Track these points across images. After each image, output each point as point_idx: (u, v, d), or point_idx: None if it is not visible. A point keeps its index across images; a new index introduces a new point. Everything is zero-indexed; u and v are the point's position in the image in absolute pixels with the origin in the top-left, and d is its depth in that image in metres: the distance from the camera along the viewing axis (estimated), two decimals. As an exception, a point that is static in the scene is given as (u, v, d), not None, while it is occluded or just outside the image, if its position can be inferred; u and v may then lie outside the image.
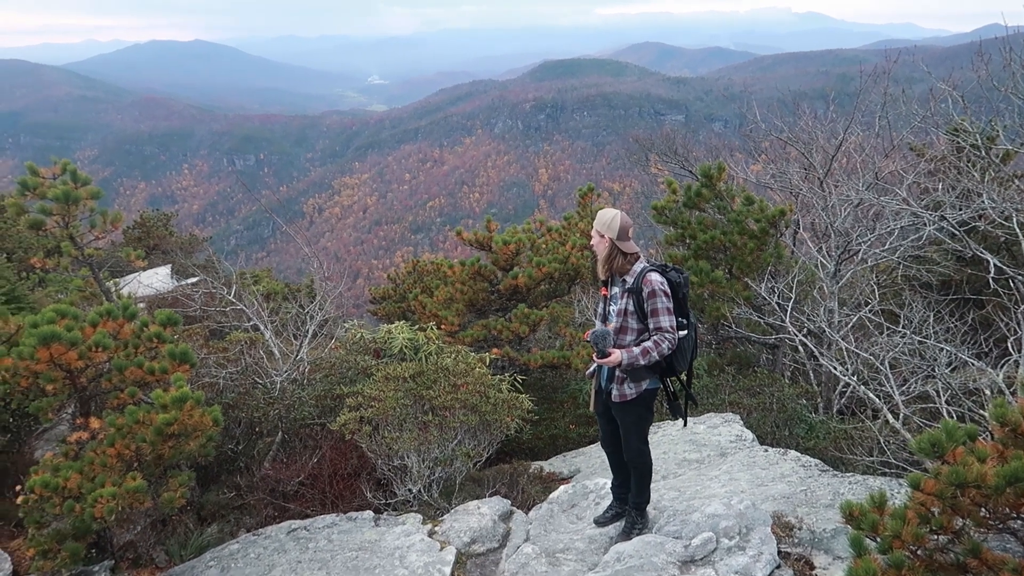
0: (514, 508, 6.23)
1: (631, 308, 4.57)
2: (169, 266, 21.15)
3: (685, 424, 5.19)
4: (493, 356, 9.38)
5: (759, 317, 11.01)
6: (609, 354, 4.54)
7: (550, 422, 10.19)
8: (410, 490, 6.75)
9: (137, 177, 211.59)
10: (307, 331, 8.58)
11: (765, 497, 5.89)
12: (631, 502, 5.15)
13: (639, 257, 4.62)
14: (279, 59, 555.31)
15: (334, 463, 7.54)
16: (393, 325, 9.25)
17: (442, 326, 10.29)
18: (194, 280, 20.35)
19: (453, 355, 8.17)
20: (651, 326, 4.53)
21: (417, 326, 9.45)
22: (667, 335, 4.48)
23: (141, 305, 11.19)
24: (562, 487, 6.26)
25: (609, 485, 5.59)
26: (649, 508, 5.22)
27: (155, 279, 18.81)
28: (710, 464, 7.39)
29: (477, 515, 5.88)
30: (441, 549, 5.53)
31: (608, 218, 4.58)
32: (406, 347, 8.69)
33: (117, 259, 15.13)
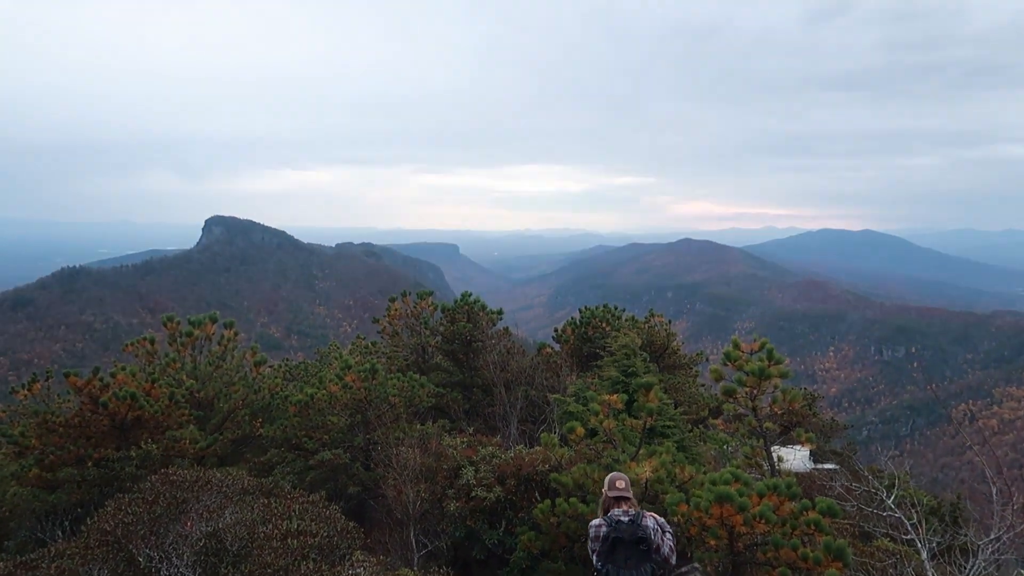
0: None
1: None
2: (808, 447, 21.23)
3: None
4: None
5: None
6: None
7: None
8: None
9: (784, 352, 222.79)
10: (976, 563, 7.37)
11: None
12: None
13: (620, 505, 5.65)
14: (950, 251, 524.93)
15: None
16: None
17: None
18: (831, 467, 20.00)
19: None
20: None
21: None
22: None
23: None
24: None
25: None
26: None
27: (793, 457, 19.02)
28: None
29: None
30: None
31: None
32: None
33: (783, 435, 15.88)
